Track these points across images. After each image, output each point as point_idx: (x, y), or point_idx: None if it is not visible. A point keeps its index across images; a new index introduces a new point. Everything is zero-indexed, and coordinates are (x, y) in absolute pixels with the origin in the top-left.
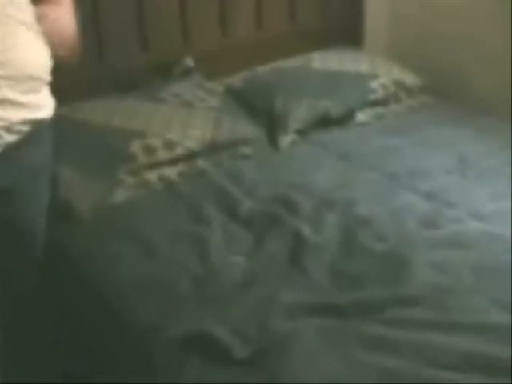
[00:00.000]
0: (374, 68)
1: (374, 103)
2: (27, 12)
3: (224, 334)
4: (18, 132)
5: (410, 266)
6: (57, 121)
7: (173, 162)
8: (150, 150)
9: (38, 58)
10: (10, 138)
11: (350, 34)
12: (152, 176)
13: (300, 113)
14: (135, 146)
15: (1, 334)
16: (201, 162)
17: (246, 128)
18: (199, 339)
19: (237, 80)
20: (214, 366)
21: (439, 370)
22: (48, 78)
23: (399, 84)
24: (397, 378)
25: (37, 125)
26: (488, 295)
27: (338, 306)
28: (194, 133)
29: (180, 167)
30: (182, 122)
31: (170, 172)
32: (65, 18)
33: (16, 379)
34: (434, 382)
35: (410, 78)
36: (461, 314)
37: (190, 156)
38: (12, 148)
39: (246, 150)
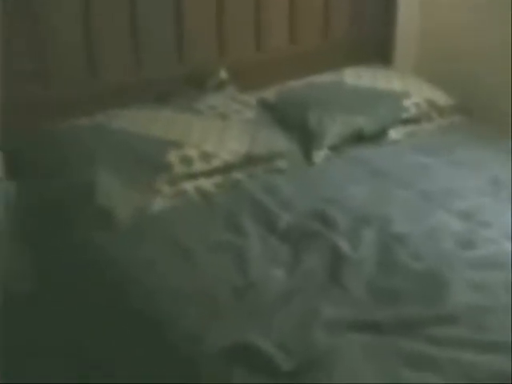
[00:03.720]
0: (406, 86)
1: (406, 121)
2: None
3: (269, 346)
4: None
5: (447, 285)
6: (91, 127)
7: (209, 173)
8: (186, 160)
9: None
10: None
11: (380, 50)
12: (189, 186)
13: (335, 129)
14: (172, 156)
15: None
16: (237, 175)
17: (281, 142)
18: (244, 350)
19: (270, 93)
20: (260, 377)
21: None
22: None
23: (431, 103)
24: None
25: None
26: None
27: (377, 322)
28: (229, 145)
29: (216, 179)
30: (218, 134)
31: (207, 183)
32: None
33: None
34: None
35: (441, 98)
36: (498, 334)
37: (226, 168)
38: None
39: (280, 163)
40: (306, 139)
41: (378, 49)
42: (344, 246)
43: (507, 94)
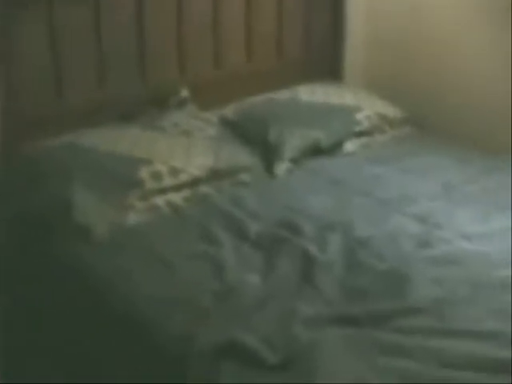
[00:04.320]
0: (358, 101)
1: (360, 134)
2: None
3: (253, 342)
4: None
5: (410, 281)
6: (63, 146)
7: (178, 187)
8: (157, 176)
9: None
10: None
11: (330, 68)
12: (160, 201)
13: (294, 142)
14: (143, 173)
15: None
16: (204, 188)
17: (244, 156)
18: (231, 347)
19: (229, 111)
20: (248, 371)
21: (450, 371)
22: None
23: (382, 116)
24: (416, 379)
25: None
26: (482, 306)
27: (351, 317)
28: (196, 160)
29: (185, 193)
30: (183, 151)
31: (176, 197)
32: None
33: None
34: (448, 381)
35: (391, 111)
36: (459, 322)
37: (194, 182)
38: None
39: (244, 177)
40: (268, 153)
41: (328, 67)
42: (313, 250)
43: (453, 103)
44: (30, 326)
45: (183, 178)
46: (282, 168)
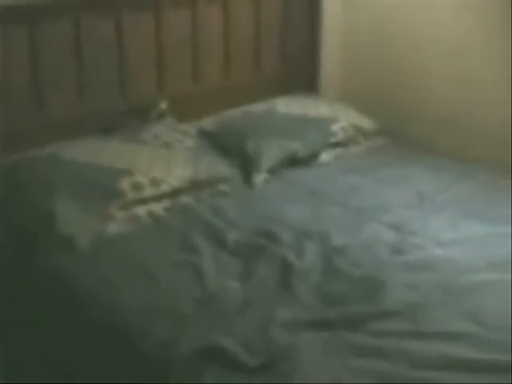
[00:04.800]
0: (333, 113)
1: (335, 145)
2: None
3: (234, 346)
4: None
5: (385, 287)
6: (45, 158)
7: (158, 197)
8: (137, 187)
9: None
10: None
11: (307, 82)
12: (140, 211)
13: (271, 153)
14: (124, 183)
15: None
16: (184, 199)
17: (222, 167)
18: (212, 352)
19: (208, 123)
20: (229, 374)
21: (422, 371)
22: None
23: (357, 127)
24: (390, 379)
25: None
26: (452, 309)
27: (328, 321)
28: (176, 171)
29: (165, 203)
30: (164, 162)
31: (157, 207)
32: None
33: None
34: (420, 381)
35: (365, 122)
36: (431, 325)
37: (174, 192)
38: None
39: (223, 187)
40: (246, 164)
41: (305, 81)
42: (290, 257)
43: (425, 114)
44: (13, 334)
45: (164, 188)
46: (259, 178)
